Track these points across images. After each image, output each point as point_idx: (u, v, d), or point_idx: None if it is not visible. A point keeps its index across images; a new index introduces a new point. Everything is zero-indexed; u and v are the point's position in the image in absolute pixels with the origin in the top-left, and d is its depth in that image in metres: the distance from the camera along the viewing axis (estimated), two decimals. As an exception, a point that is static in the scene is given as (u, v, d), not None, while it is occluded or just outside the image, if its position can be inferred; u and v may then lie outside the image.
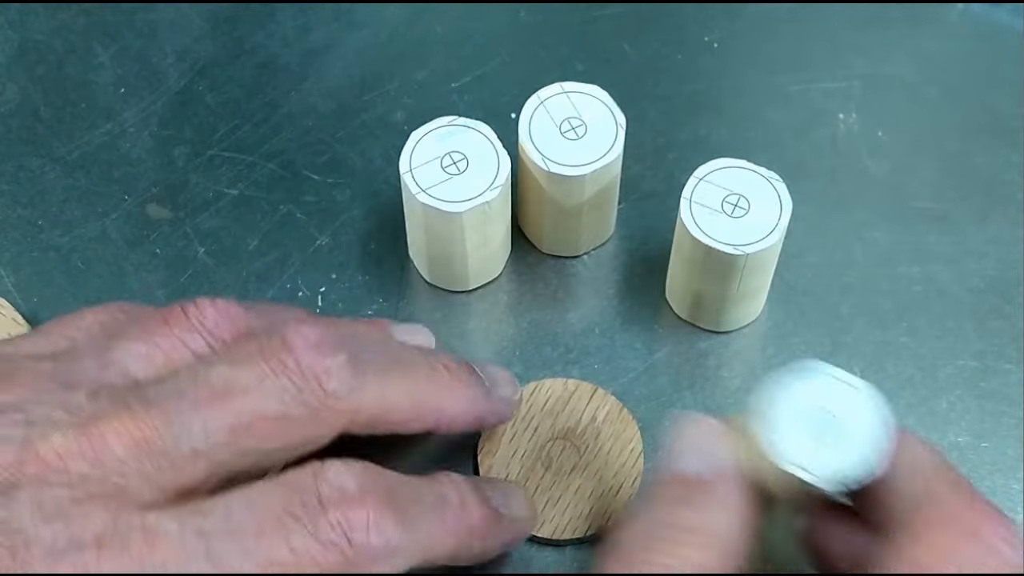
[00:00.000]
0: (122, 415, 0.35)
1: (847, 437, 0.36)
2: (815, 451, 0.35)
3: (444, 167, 0.44)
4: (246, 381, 0.36)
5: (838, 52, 0.54)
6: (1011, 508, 0.45)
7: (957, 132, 0.52)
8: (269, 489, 0.36)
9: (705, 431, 0.37)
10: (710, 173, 0.45)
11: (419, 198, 0.44)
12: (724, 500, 0.36)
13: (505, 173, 0.45)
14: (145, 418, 0.35)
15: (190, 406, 0.36)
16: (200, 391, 0.36)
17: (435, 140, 0.45)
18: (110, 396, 0.36)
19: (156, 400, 0.36)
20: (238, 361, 0.37)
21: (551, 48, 0.54)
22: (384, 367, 0.38)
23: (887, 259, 0.49)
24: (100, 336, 0.38)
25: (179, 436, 0.35)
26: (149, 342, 0.37)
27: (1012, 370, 0.47)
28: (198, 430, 0.35)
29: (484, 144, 0.45)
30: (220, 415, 0.36)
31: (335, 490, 0.36)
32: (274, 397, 0.36)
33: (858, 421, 0.36)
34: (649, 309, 0.49)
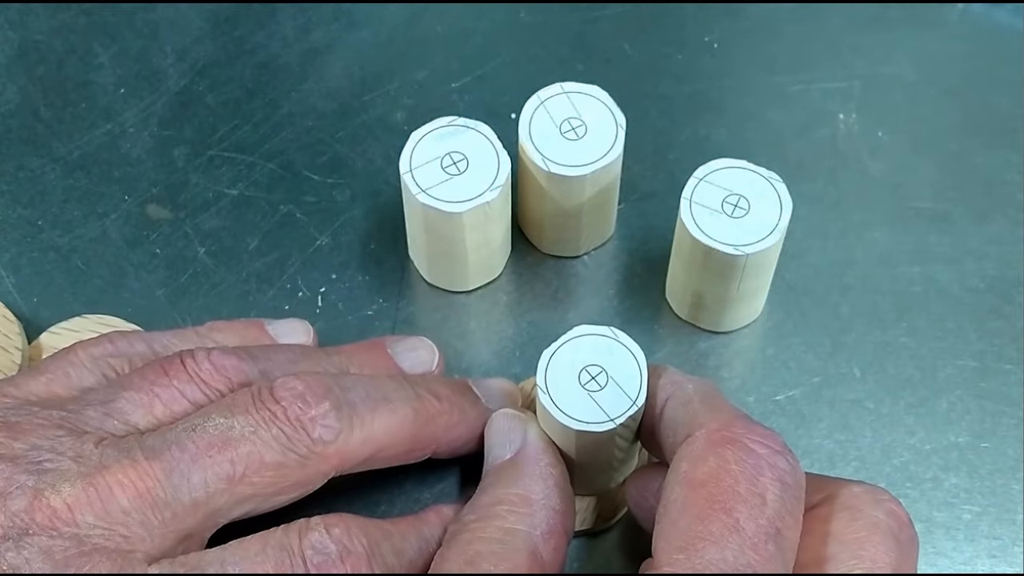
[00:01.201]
0: (126, 466, 0.37)
1: (611, 383, 0.40)
2: (586, 401, 0.40)
3: (444, 167, 0.44)
4: (240, 431, 0.38)
5: (838, 52, 0.54)
6: (1011, 508, 0.45)
7: (957, 132, 0.52)
8: (260, 550, 0.38)
9: (503, 420, 0.42)
10: (710, 173, 0.45)
11: (419, 198, 0.44)
12: (532, 471, 0.40)
13: (505, 173, 0.45)
14: (148, 469, 0.37)
15: (190, 457, 0.38)
16: (198, 442, 0.38)
17: (435, 140, 0.45)
18: (115, 446, 0.38)
19: (157, 451, 0.38)
20: (232, 412, 0.39)
21: (551, 48, 0.54)
22: (371, 408, 0.40)
23: (887, 259, 0.49)
24: (102, 384, 0.41)
25: (179, 487, 0.37)
26: (149, 392, 0.40)
27: (1012, 370, 0.47)
28: (197, 480, 0.38)
29: (484, 144, 0.45)
30: (217, 464, 0.38)
31: (318, 554, 0.38)
32: (267, 446, 0.38)
33: (620, 367, 0.41)
34: (649, 309, 0.49)
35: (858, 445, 0.46)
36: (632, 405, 0.40)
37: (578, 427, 0.40)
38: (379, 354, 0.44)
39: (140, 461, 0.37)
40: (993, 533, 0.45)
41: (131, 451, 0.38)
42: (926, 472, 0.46)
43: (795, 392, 0.47)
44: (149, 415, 0.40)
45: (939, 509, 0.45)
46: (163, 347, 0.43)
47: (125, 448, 0.38)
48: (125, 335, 0.43)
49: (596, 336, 0.42)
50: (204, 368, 0.40)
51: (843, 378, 0.47)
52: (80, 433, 0.38)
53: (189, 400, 0.40)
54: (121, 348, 0.42)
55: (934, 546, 0.44)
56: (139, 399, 0.40)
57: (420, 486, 0.45)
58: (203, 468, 0.38)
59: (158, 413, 0.40)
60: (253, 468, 0.38)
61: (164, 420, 0.40)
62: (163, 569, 0.37)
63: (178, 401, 0.40)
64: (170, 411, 0.40)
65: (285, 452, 0.38)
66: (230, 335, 0.44)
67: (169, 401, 0.40)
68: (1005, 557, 0.44)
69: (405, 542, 0.40)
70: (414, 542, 0.41)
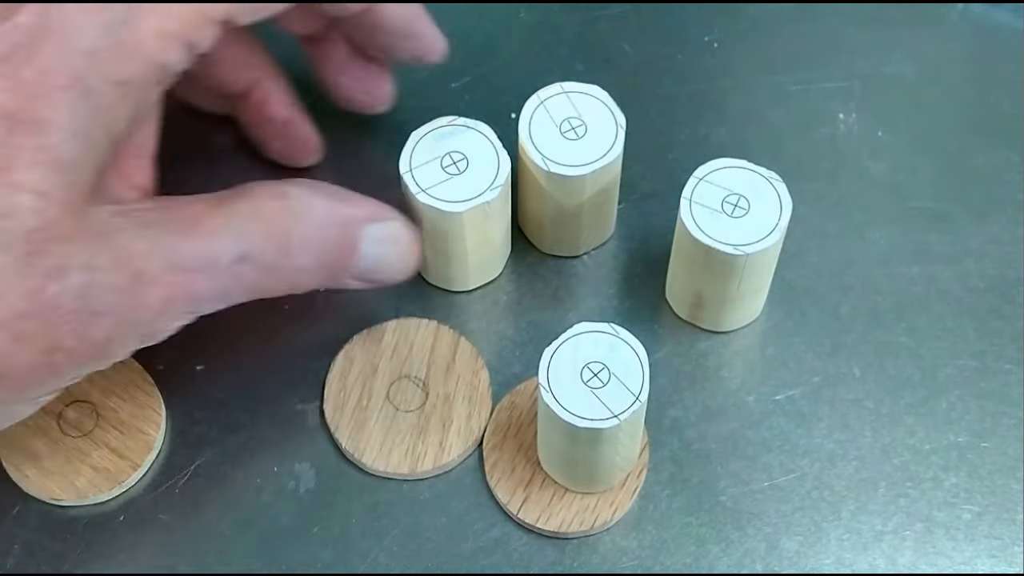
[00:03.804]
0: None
1: (613, 379, 0.41)
2: (589, 399, 0.41)
3: (444, 167, 0.44)
4: None
5: (838, 52, 0.54)
6: (1011, 508, 0.45)
7: (957, 132, 0.52)
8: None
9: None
10: (710, 173, 0.45)
11: (419, 198, 0.44)
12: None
13: (505, 173, 0.45)
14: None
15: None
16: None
17: (435, 140, 0.45)
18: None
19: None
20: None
21: (551, 48, 0.54)
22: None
23: (887, 259, 0.49)
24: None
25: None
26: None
27: (1012, 370, 0.47)
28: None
29: (484, 144, 0.45)
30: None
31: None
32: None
33: (621, 364, 0.41)
34: (649, 309, 0.49)
35: (858, 445, 0.46)
36: (635, 401, 0.40)
37: (582, 424, 0.40)
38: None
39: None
40: (993, 533, 0.45)
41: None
42: (926, 472, 0.46)
43: (795, 392, 0.47)
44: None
45: (939, 509, 0.45)
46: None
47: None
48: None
49: (597, 333, 0.42)
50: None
51: (843, 378, 0.47)
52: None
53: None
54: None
55: (934, 546, 0.44)
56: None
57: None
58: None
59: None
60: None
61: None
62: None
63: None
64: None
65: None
66: None
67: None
68: (1005, 557, 0.44)
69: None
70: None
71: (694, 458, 0.46)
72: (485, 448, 0.46)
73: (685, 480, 0.45)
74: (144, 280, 0.37)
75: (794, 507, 0.45)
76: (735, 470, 0.46)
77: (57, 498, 0.45)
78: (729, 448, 0.46)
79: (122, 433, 0.45)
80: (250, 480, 0.45)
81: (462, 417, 0.46)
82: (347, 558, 0.44)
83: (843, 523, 0.45)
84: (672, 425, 0.46)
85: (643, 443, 0.45)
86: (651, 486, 0.45)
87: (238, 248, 0.39)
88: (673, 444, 0.46)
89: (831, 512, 0.45)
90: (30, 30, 0.36)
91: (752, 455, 0.46)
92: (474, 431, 0.46)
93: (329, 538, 0.45)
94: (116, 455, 0.45)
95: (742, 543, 0.44)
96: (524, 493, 0.45)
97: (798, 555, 0.44)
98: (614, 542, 0.45)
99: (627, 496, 0.45)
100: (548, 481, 0.45)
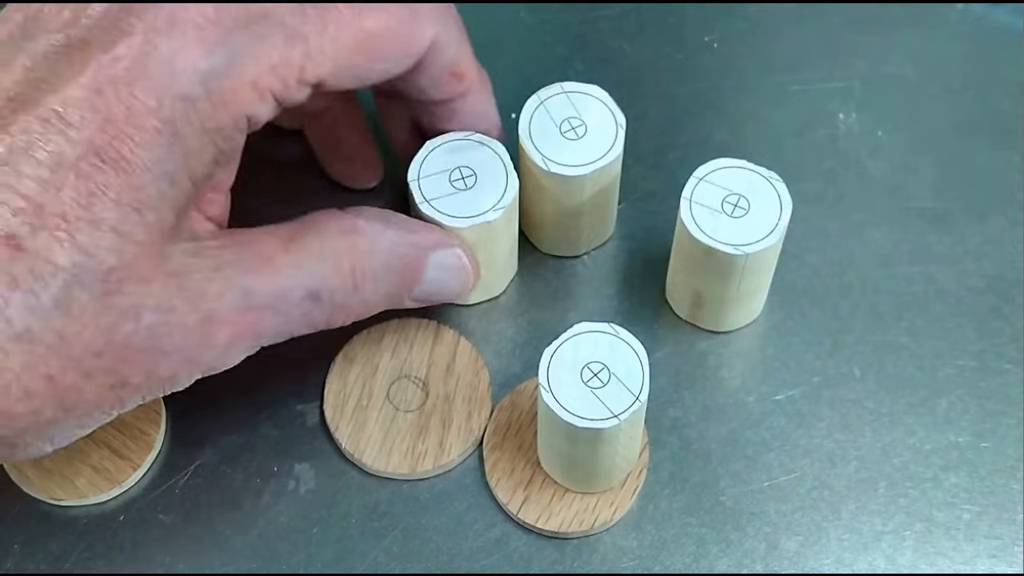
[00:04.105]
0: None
1: (613, 379, 0.41)
2: (589, 399, 0.41)
3: (452, 180, 0.44)
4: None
5: (838, 52, 0.54)
6: (1011, 508, 0.45)
7: (957, 132, 0.52)
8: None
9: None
10: (710, 173, 0.45)
11: (422, 208, 0.44)
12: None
13: (512, 194, 0.44)
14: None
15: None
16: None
17: (447, 152, 0.45)
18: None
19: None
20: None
21: (551, 48, 0.54)
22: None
23: (887, 259, 0.49)
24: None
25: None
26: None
27: (1012, 370, 0.47)
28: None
29: (495, 162, 0.45)
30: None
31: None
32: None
33: (622, 364, 0.41)
34: (649, 309, 0.49)
35: (858, 445, 0.46)
36: (635, 401, 0.40)
37: (583, 424, 0.40)
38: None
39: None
40: (993, 533, 0.45)
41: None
42: (926, 472, 0.46)
43: (795, 392, 0.47)
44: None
45: (939, 509, 0.45)
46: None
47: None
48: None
49: (597, 333, 0.42)
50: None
51: (843, 378, 0.47)
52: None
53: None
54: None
55: (934, 546, 0.44)
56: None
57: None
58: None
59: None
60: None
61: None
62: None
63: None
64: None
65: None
66: None
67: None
68: (1005, 557, 0.44)
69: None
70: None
71: (694, 458, 0.46)
72: (485, 448, 0.46)
73: (685, 480, 0.45)
74: (214, 320, 0.38)
75: (794, 507, 0.45)
76: (735, 470, 0.46)
77: (57, 498, 0.45)
78: (729, 448, 0.46)
79: (122, 433, 0.45)
80: (250, 480, 0.45)
81: (462, 417, 0.46)
82: (347, 558, 0.44)
83: (843, 523, 0.45)
84: (672, 425, 0.46)
85: (643, 443, 0.45)
86: (651, 486, 0.45)
87: (308, 286, 0.39)
88: (673, 444, 0.46)
89: (831, 512, 0.45)
90: (128, 66, 0.36)
91: (752, 455, 0.46)
92: (474, 431, 0.46)
93: (329, 538, 0.45)
94: (116, 455, 0.45)
95: (742, 543, 0.44)
96: (524, 493, 0.45)
97: (798, 555, 0.44)
98: (614, 542, 0.45)
99: (627, 496, 0.45)
100: (548, 481, 0.45)
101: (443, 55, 0.42)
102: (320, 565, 0.44)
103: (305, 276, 0.39)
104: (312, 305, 0.40)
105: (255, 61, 0.37)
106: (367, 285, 0.41)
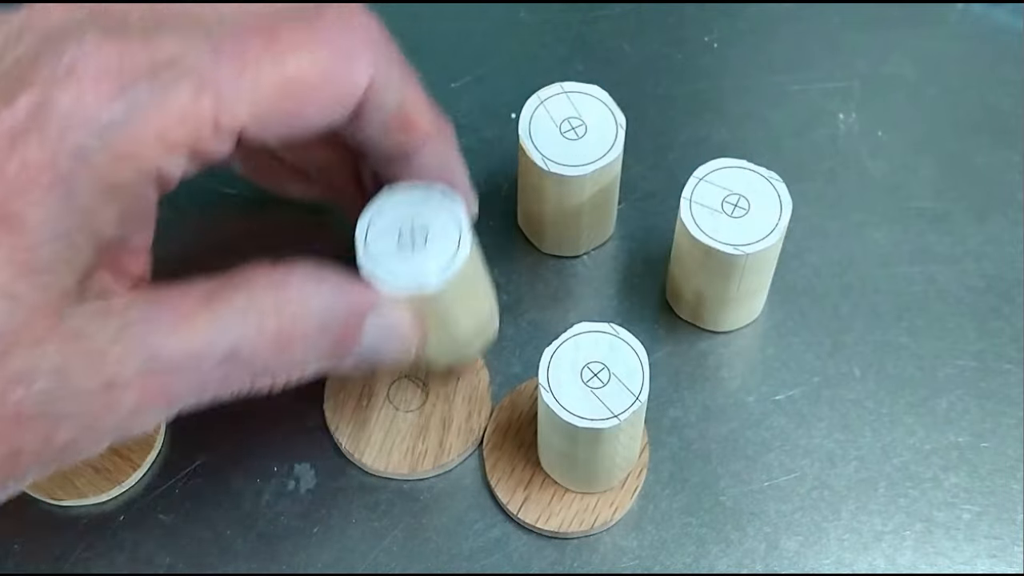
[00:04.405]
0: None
1: (613, 379, 0.41)
2: (589, 399, 0.41)
3: (400, 237, 0.39)
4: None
5: (838, 52, 0.54)
6: (1011, 508, 0.45)
7: (957, 132, 0.52)
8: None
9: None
10: (710, 173, 0.45)
11: (364, 266, 0.39)
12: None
13: (460, 263, 0.39)
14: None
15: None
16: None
17: (402, 204, 0.40)
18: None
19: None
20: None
21: (551, 48, 0.54)
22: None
23: (887, 259, 0.49)
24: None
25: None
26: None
27: (1012, 370, 0.47)
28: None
29: (451, 221, 0.40)
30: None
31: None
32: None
33: (621, 364, 0.41)
34: (649, 309, 0.49)
35: (858, 445, 0.46)
36: (635, 401, 0.40)
37: (583, 424, 0.40)
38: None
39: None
40: (993, 533, 0.45)
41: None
42: (926, 472, 0.46)
43: (795, 392, 0.47)
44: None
45: (939, 509, 0.45)
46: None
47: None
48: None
49: (596, 333, 0.42)
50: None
51: (843, 378, 0.47)
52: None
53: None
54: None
55: (934, 546, 0.44)
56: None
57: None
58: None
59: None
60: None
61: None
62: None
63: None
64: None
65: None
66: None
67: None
68: (1005, 557, 0.44)
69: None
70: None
71: (694, 458, 0.46)
72: (485, 448, 0.46)
73: (685, 480, 0.45)
74: (117, 384, 0.34)
75: (794, 507, 0.45)
76: (735, 470, 0.46)
77: (57, 498, 0.45)
78: (729, 448, 0.46)
79: (122, 433, 0.45)
80: (250, 480, 0.45)
81: (462, 417, 0.46)
82: (347, 558, 0.44)
83: (843, 523, 0.45)
84: (672, 425, 0.46)
85: (643, 443, 0.45)
86: (651, 486, 0.45)
87: (226, 347, 0.36)
88: (673, 444, 0.46)
89: (831, 512, 0.45)
90: (26, 117, 0.33)
91: (752, 455, 0.46)
92: (474, 431, 0.46)
93: (329, 538, 0.45)
94: (116, 455, 0.45)
95: (742, 543, 0.44)
96: (524, 493, 0.45)
97: (798, 555, 0.44)
98: (614, 542, 0.45)
99: (627, 496, 0.45)
100: (548, 481, 0.45)
101: (385, 100, 0.38)
102: (320, 565, 0.44)
103: (223, 335, 0.36)
104: (231, 368, 0.36)
105: (160, 111, 0.34)
106: (296, 347, 0.37)
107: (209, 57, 0.35)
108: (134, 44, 0.35)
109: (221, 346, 0.36)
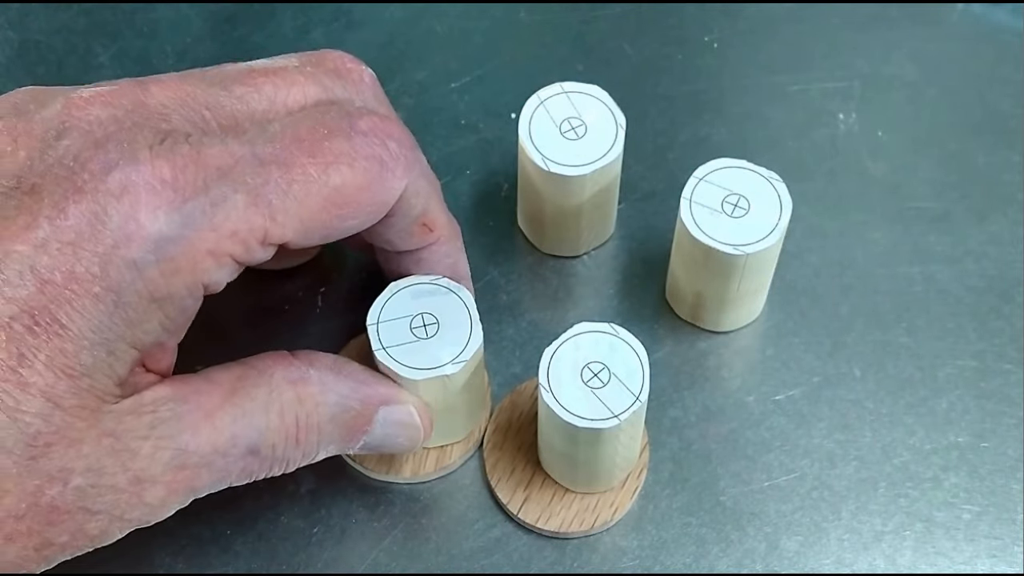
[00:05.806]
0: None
1: (613, 379, 0.41)
2: (589, 399, 0.41)
3: (413, 328, 0.42)
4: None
5: (838, 52, 0.54)
6: (1011, 508, 0.45)
7: (957, 132, 0.52)
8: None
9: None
10: (710, 173, 0.45)
11: (378, 355, 0.42)
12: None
13: (474, 348, 0.42)
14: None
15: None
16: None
17: (411, 297, 0.43)
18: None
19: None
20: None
21: (551, 48, 0.54)
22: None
23: (887, 259, 0.49)
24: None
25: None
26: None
27: (1012, 370, 0.47)
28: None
29: (461, 312, 0.42)
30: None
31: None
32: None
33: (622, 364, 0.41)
34: (649, 309, 0.49)
35: (858, 445, 0.46)
36: (635, 401, 0.40)
37: (583, 424, 0.40)
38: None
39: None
40: (993, 533, 0.45)
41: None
42: (926, 472, 0.46)
43: (795, 392, 0.47)
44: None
45: (939, 509, 0.45)
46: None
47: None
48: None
49: (597, 333, 0.42)
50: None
51: (843, 378, 0.47)
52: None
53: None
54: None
55: (934, 546, 0.44)
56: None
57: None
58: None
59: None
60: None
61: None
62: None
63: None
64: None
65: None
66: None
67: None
68: (1005, 557, 0.44)
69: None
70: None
71: (694, 458, 0.46)
72: (485, 448, 0.46)
73: (685, 480, 0.45)
74: (145, 479, 0.36)
75: (794, 507, 0.45)
76: (735, 470, 0.46)
77: (57, 498, 0.45)
78: (729, 448, 0.46)
79: (122, 433, 0.45)
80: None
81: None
82: (347, 558, 0.44)
83: (843, 523, 0.45)
84: (672, 425, 0.46)
85: (643, 443, 0.45)
86: (651, 486, 0.45)
87: (249, 443, 0.38)
88: (673, 444, 0.46)
89: (831, 512, 0.45)
90: (75, 228, 0.34)
91: (752, 455, 0.46)
92: (474, 431, 0.46)
93: (329, 538, 0.45)
94: (116, 455, 0.45)
95: (742, 543, 0.44)
96: (524, 493, 0.45)
97: (798, 555, 0.44)
98: (614, 542, 0.45)
99: (627, 496, 0.45)
100: (548, 481, 0.45)
101: (413, 207, 0.40)
102: (320, 565, 0.44)
103: (247, 431, 0.38)
104: (252, 460, 0.38)
105: (213, 227, 0.35)
106: (311, 438, 0.39)
107: (257, 170, 0.36)
108: (184, 157, 0.35)
109: (244, 441, 0.38)
